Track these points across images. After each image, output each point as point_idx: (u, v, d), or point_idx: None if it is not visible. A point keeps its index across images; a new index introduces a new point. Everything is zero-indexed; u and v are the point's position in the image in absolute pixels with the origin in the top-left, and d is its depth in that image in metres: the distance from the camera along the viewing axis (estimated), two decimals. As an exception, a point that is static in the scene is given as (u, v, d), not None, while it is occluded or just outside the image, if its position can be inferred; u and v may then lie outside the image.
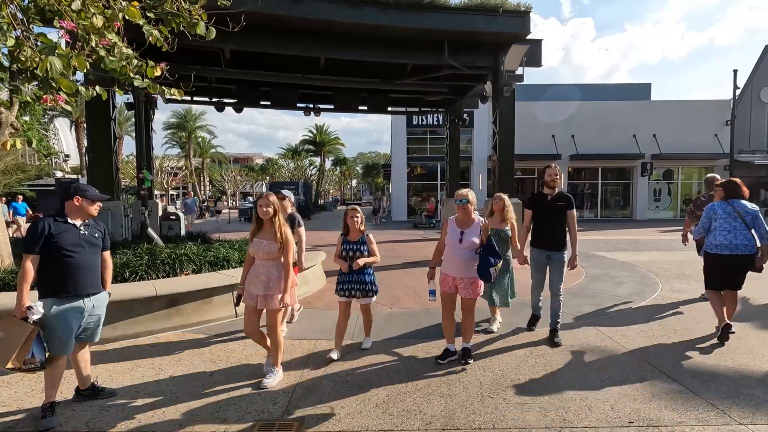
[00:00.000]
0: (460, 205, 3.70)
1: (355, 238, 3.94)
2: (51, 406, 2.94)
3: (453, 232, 3.72)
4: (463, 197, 3.69)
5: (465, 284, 3.68)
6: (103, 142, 8.23)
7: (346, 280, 3.93)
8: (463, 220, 3.73)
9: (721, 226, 4.38)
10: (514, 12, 8.83)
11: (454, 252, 3.69)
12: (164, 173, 35.32)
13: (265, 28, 8.27)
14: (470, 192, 3.70)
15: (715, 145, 22.09)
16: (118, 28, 3.30)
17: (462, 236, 3.65)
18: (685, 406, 3.09)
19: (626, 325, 4.92)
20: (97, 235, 3.13)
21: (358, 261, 3.84)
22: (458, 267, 3.68)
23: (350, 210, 3.94)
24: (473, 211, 3.70)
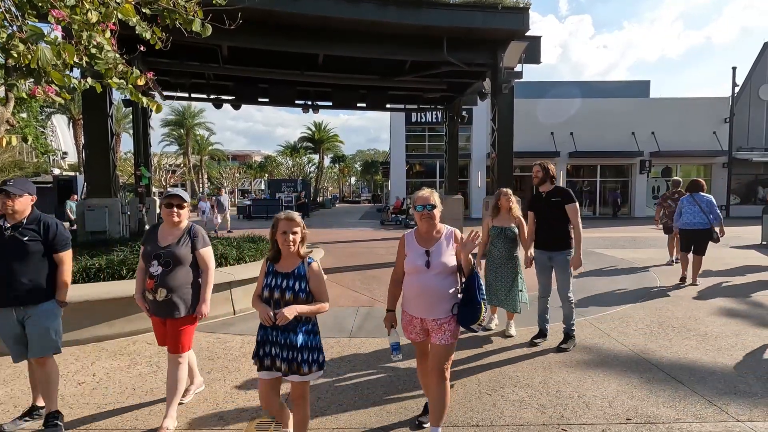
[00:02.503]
0: (423, 213, 2.52)
1: (289, 267, 2.38)
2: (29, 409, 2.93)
3: (415, 253, 2.56)
4: (425, 201, 2.53)
5: (438, 326, 2.51)
6: (101, 139, 8.18)
7: (267, 340, 2.38)
8: (427, 234, 2.58)
9: (686, 211, 6.71)
10: (513, 8, 8.79)
11: (421, 281, 2.51)
12: (162, 171, 35.25)
13: (263, 25, 8.22)
14: (435, 193, 2.60)
15: (714, 143, 22.10)
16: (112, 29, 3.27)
17: (429, 257, 2.51)
18: (682, 402, 3.09)
19: (624, 322, 4.93)
20: (29, 237, 2.68)
21: (286, 311, 2.24)
22: (428, 303, 2.50)
23: (283, 221, 2.37)
24: (439, 219, 2.60)
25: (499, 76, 9.38)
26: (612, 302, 5.75)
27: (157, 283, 2.76)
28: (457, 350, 4.06)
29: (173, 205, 2.83)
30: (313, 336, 2.41)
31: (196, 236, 2.91)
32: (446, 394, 2.53)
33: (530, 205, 4.41)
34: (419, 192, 2.60)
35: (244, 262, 6.10)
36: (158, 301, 2.78)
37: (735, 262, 8.75)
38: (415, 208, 2.57)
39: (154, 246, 2.84)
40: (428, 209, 2.53)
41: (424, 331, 2.59)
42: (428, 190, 2.60)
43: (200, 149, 43.86)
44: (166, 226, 2.91)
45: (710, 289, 6.48)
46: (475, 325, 2.51)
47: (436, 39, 9.03)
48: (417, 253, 2.57)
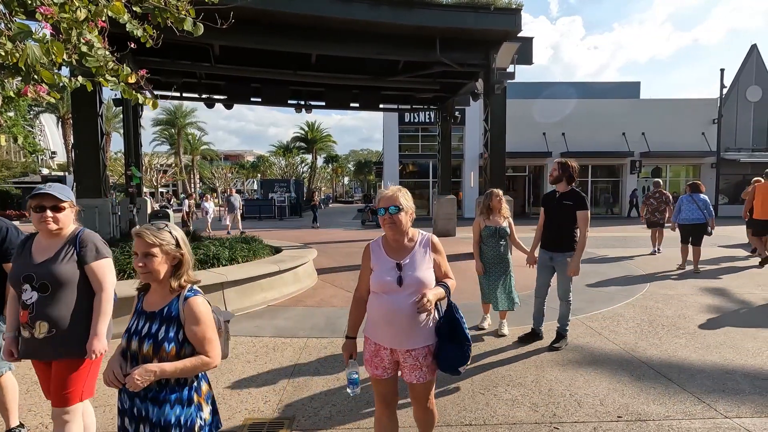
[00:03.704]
0: (386, 217, 2.01)
1: (156, 303, 1.70)
2: None
3: (383, 266, 2.06)
4: (388, 203, 2.01)
5: (413, 360, 2.04)
6: (90, 139, 8.08)
7: (125, 411, 1.67)
8: (396, 243, 2.08)
9: (685, 208, 7.78)
10: (505, 9, 8.84)
11: (392, 302, 2.00)
12: (153, 171, 34.94)
13: (255, 24, 8.18)
14: (401, 192, 2.05)
15: (703, 144, 22.41)
16: (102, 26, 3.24)
17: (401, 272, 2.01)
18: (672, 400, 3.13)
19: (615, 321, 4.98)
20: None
21: (137, 372, 1.55)
22: (400, 330, 2.01)
23: (135, 239, 1.67)
24: (410, 224, 2.08)
25: (491, 77, 9.42)
26: (603, 301, 5.80)
27: (33, 314, 2.04)
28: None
29: (45, 208, 2.07)
30: (192, 410, 1.62)
31: (84, 246, 2.14)
32: (434, 419, 2.22)
33: (542, 202, 4.37)
34: (382, 191, 2.07)
35: (237, 263, 6.07)
36: (37, 338, 2.05)
37: (723, 261, 8.88)
38: (378, 211, 2.02)
39: (26, 264, 2.09)
40: (392, 212, 2.00)
41: (393, 364, 2.09)
42: (393, 189, 2.06)
43: (192, 149, 43.57)
44: (41, 236, 2.17)
45: (699, 287, 6.57)
46: (462, 367, 2.04)
47: (429, 39, 9.05)
48: (386, 266, 2.04)
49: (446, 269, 2.13)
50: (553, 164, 4.18)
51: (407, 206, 2.05)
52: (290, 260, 6.42)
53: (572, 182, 4.11)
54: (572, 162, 4.13)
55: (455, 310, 2.06)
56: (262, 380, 3.48)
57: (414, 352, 2.03)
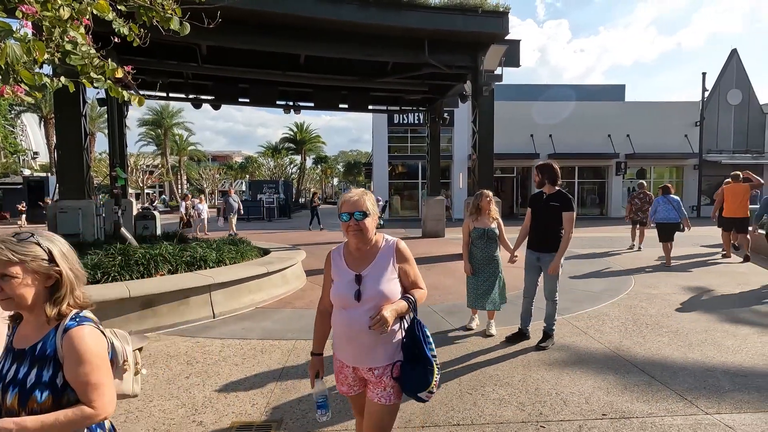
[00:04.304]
0: (350, 224, 1.82)
1: (29, 338, 1.29)
2: None
3: (343, 278, 1.88)
4: (353, 208, 1.81)
5: (377, 378, 1.84)
6: (74, 139, 7.94)
7: None
8: (358, 251, 1.88)
9: (661, 208, 8.54)
10: (492, 12, 8.93)
11: (350, 318, 1.83)
12: (139, 171, 34.43)
13: (243, 24, 8.13)
14: (367, 195, 1.87)
15: (685, 145, 22.89)
16: (86, 24, 3.18)
17: (360, 285, 1.82)
18: (655, 397, 3.19)
19: (600, 320, 5.05)
20: None
21: None
22: (360, 348, 1.84)
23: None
24: (375, 231, 1.89)
25: (479, 79, 9.50)
26: (589, 300, 5.89)
27: None
28: (438, 353, 4.11)
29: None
30: None
31: None
32: None
33: (529, 203, 4.44)
34: (346, 194, 1.86)
35: (224, 265, 6.02)
36: None
37: (705, 260, 9.08)
38: (340, 216, 1.83)
39: None
40: (357, 218, 1.79)
41: (359, 381, 1.93)
42: (358, 192, 1.86)
43: (179, 149, 43.04)
44: None
45: (682, 286, 6.71)
46: (424, 393, 1.80)
47: (418, 41, 9.10)
48: (345, 278, 1.86)
49: (415, 278, 1.91)
50: (534, 169, 4.23)
51: (373, 211, 1.86)
52: (278, 262, 6.39)
53: (556, 183, 4.17)
54: (553, 163, 4.19)
55: (419, 327, 1.83)
56: (250, 383, 3.46)
57: (377, 370, 1.83)
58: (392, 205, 23.98)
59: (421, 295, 1.91)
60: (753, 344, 4.22)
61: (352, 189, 1.93)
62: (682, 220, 8.41)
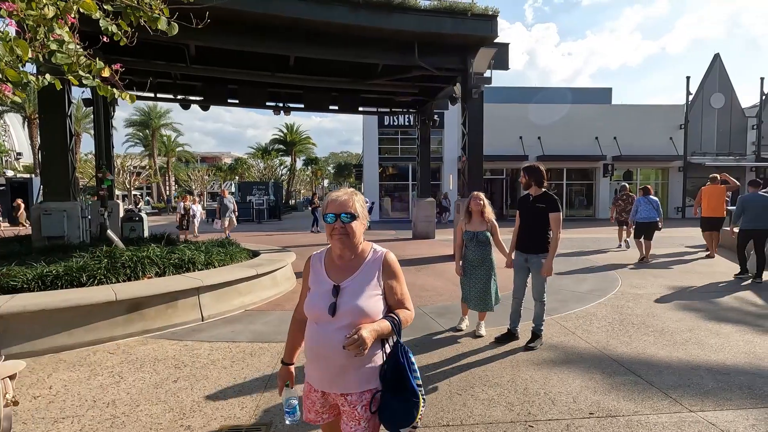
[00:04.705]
0: (335, 226, 1.63)
1: None
2: None
3: (319, 288, 1.68)
4: (340, 209, 1.62)
5: (350, 407, 1.62)
6: (58, 140, 7.80)
7: None
8: (340, 258, 1.69)
9: (642, 208, 9.12)
10: (482, 15, 9.00)
11: (322, 335, 1.62)
12: (126, 172, 33.96)
13: (232, 25, 8.08)
14: (357, 196, 1.67)
15: (670, 148, 23.32)
16: (72, 23, 3.14)
17: (337, 299, 1.61)
18: (641, 396, 3.24)
19: (588, 320, 5.12)
20: None
21: None
22: (331, 370, 1.61)
23: None
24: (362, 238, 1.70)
25: (469, 81, 9.57)
26: (577, 300, 5.96)
27: None
28: (427, 353, 4.13)
29: None
30: None
31: None
32: None
33: (517, 205, 4.48)
34: (332, 193, 1.68)
35: (213, 267, 5.96)
36: None
37: (689, 260, 9.26)
38: (325, 218, 1.64)
39: None
40: (344, 221, 1.60)
41: (329, 409, 1.70)
42: (347, 191, 1.68)
43: (167, 150, 42.51)
44: None
45: (667, 286, 6.83)
46: (406, 430, 1.58)
47: (408, 43, 9.14)
48: (322, 288, 1.65)
49: (402, 297, 1.68)
50: (521, 171, 4.26)
51: (362, 214, 1.66)
52: (268, 264, 6.35)
53: (542, 185, 4.20)
54: (540, 165, 4.22)
55: (403, 353, 1.58)
56: (239, 386, 3.43)
57: (350, 397, 1.59)
58: (383, 206, 24.00)
59: (407, 317, 1.67)
60: (735, 342, 4.32)
61: (341, 189, 1.73)
62: (659, 219, 9.14)
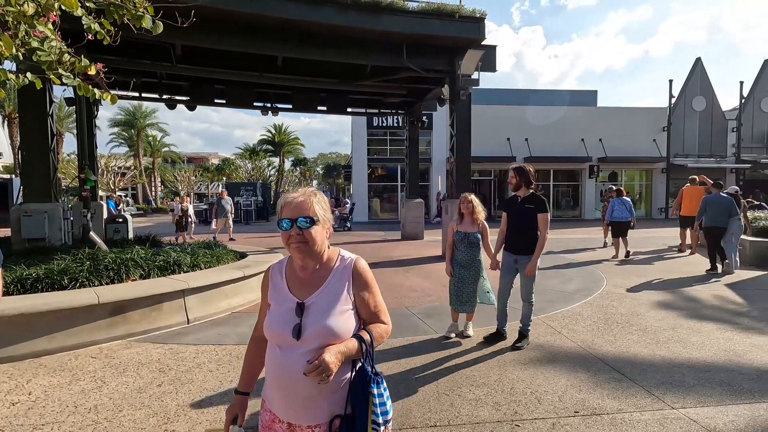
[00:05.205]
0: (292, 233, 1.38)
1: None
2: None
3: (280, 305, 1.46)
4: (296, 213, 1.39)
5: None
6: (39, 140, 7.63)
7: None
8: (303, 269, 1.47)
9: (617, 209, 9.84)
10: (469, 18, 9.07)
11: (285, 361, 1.39)
12: (110, 173, 33.36)
13: (219, 24, 8.01)
14: (316, 196, 1.44)
15: (654, 150, 23.77)
16: (54, 20, 3.07)
17: (302, 318, 1.40)
18: (625, 393, 3.30)
19: (574, 319, 5.19)
20: None
21: None
22: (294, 398, 1.40)
23: None
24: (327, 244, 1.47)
25: (457, 83, 9.63)
26: (563, 301, 6.03)
27: None
28: (415, 353, 4.14)
29: None
30: None
31: None
32: None
33: (504, 207, 4.49)
34: (286, 195, 1.43)
35: (199, 269, 5.89)
36: None
37: (672, 260, 9.45)
38: (279, 223, 1.39)
39: None
40: (302, 226, 1.36)
41: None
42: (304, 192, 1.43)
43: (153, 151, 41.87)
44: None
45: (650, 286, 6.96)
46: None
47: (396, 45, 9.16)
48: (283, 306, 1.43)
49: (377, 309, 1.48)
50: (510, 171, 4.28)
51: (324, 217, 1.41)
52: (256, 265, 6.29)
53: (531, 186, 4.24)
54: (528, 167, 4.25)
55: (364, 381, 1.37)
56: (225, 390, 3.39)
57: (317, 429, 1.38)
58: (372, 207, 24.00)
59: (383, 332, 1.47)
60: (716, 340, 4.42)
61: (298, 190, 1.47)
62: (632, 219, 9.87)
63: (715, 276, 7.63)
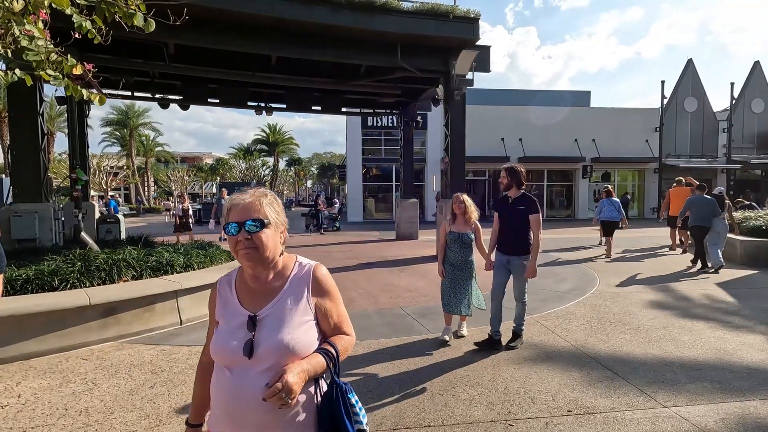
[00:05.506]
0: (242, 238, 1.21)
1: None
2: None
3: (229, 320, 1.29)
4: (246, 213, 1.22)
5: None
6: (29, 139, 7.54)
7: None
8: (254, 279, 1.31)
9: (606, 209, 9.95)
10: (464, 18, 9.10)
11: (234, 384, 1.21)
12: (103, 173, 33.07)
13: (213, 23, 7.96)
14: (267, 197, 1.28)
15: (646, 150, 23.97)
16: (44, 18, 3.03)
17: (254, 333, 1.23)
18: (617, 392, 3.32)
19: (567, 319, 5.21)
20: None
21: None
22: (251, 428, 1.20)
23: None
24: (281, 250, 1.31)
25: (451, 83, 9.65)
26: (557, 300, 6.06)
27: None
28: (410, 353, 4.14)
29: None
30: None
31: None
32: None
33: (496, 207, 4.44)
34: (234, 196, 1.27)
35: (192, 269, 5.85)
36: None
37: (664, 259, 9.53)
38: (226, 228, 1.22)
39: None
40: (250, 230, 1.21)
41: None
42: (253, 192, 1.27)
43: (146, 151, 41.55)
44: None
45: (643, 285, 7.01)
46: None
47: (390, 45, 9.16)
48: (233, 321, 1.27)
49: (339, 320, 1.35)
50: (502, 171, 4.24)
51: (277, 220, 1.27)
52: (249, 266, 6.25)
53: (522, 186, 4.21)
54: (519, 167, 4.23)
55: (339, 395, 1.23)
56: (218, 391, 3.37)
57: None
58: (366, 207, 23.98)
59: (347, 345, 1.35)
60: (707, 339, 4.46)
61: (246, 190, 1.29)
62: (621, 219, 10.04)
63: (704, 273, 7.83)
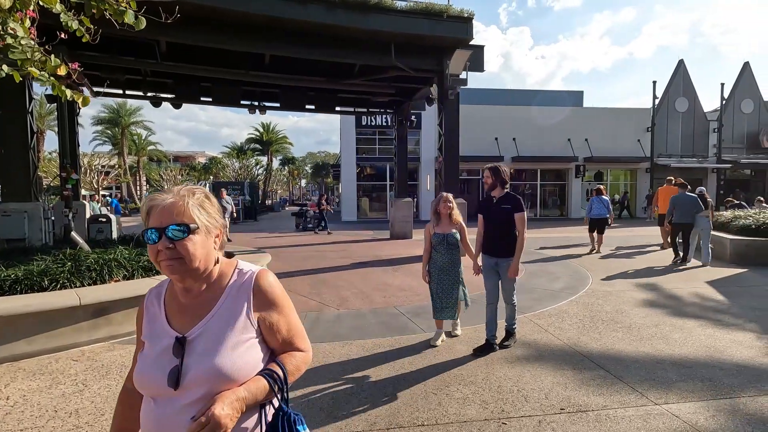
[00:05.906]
0: (162, 247, 1.02)
1: None
2: None
3: (154, 342, 1.10)
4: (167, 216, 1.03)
5: None
6: (19, 138, 7.45)
7: None
8: (185, 292, 1.11)
9: (595, 207, 10.35)
10: (457, 18, 9.12)
11: (162, 417, 1.04)
12: (94, 172, 32.72)
13: (205, 21, 7.91)
14: (194, 196, 1.08)
15: (638, 150, 24.20)
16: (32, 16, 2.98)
17: (182, 357, 1.04)
18: (609, 390, 3.34)
19: (560, 317, 5.24)
20: None
21: None
22: None
23: None
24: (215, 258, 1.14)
25: (445, 83, 9.67)
26: (550, 299, 6.09)
27: None
28: (404, 353, 4.14)
29: None
30: None
31: None
32: None
33: (480, 209, 4.34)
34: (154, 196, 1.09)
35: (185, 269, 5.80)
36: None
37: (653, 256, 9.62)
38: (144, 235, 1.06)
39: None
40: (172, 237, 1.04)
41: None
42: (176, 191, 1.10)
43: (138, 150, 41.18)
44: None
45: (634, 283, 7.07)
46: None
47: (385, 44, 9.16)
48: (159, 344, 1.10)
49: (290, 334, 1.18)
50: (486, 171, 4.16)
51: (208, 223, 1.09)
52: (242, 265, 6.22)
53: (506, 186, 4.14)
54: (503, 166, 4.18)
55: (287, 421, 1.09)
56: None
57: None
58: (360, 206, 23.97)
59: (300, 363, 1.18)
60: (698, 337, 4.51)
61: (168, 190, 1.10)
62: (609, 216, 10.55)
63: (683, 262, 8.62)
